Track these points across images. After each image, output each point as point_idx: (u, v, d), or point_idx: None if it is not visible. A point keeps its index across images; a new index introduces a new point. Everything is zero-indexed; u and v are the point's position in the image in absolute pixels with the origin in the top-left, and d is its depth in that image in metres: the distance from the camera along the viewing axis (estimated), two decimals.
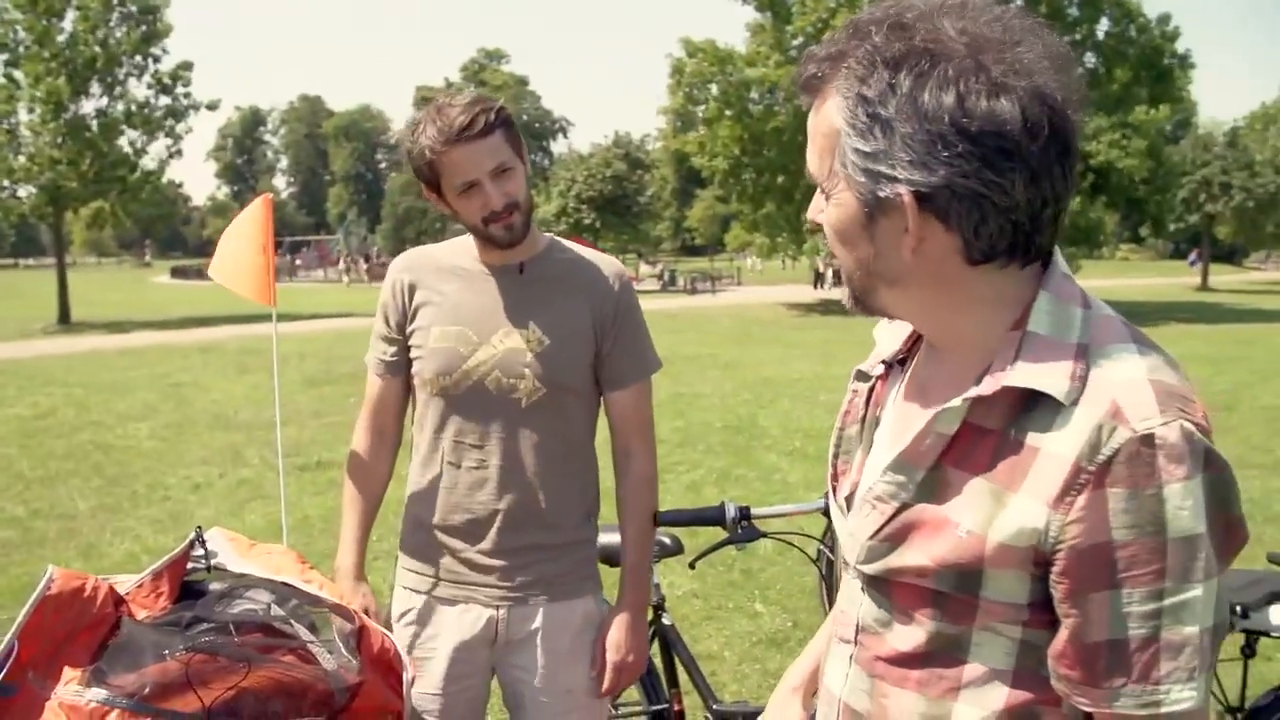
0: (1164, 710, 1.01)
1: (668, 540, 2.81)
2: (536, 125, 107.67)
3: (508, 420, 2.14)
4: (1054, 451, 1.03)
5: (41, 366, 15.45)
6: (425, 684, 2.19)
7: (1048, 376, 1.04)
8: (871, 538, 1.16)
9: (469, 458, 2.16)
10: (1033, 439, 1.05)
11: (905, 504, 1.13)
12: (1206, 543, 1.00)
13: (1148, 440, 0.99)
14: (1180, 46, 29.98)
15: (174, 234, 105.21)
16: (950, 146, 1.00)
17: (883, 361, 1.32)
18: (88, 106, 25.48)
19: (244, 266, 3.93)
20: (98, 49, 24.86)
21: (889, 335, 1.33)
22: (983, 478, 1.07)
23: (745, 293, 35.62)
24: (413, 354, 2.21)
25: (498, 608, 2.18)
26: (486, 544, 2.17)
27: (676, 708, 2.83)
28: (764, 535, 2.60)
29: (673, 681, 2.86)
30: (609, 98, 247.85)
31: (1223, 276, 49.67)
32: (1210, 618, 1.01)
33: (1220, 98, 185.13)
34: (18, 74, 24.47)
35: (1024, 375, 1.05)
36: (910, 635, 1.15)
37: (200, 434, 9.82)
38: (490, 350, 2.14)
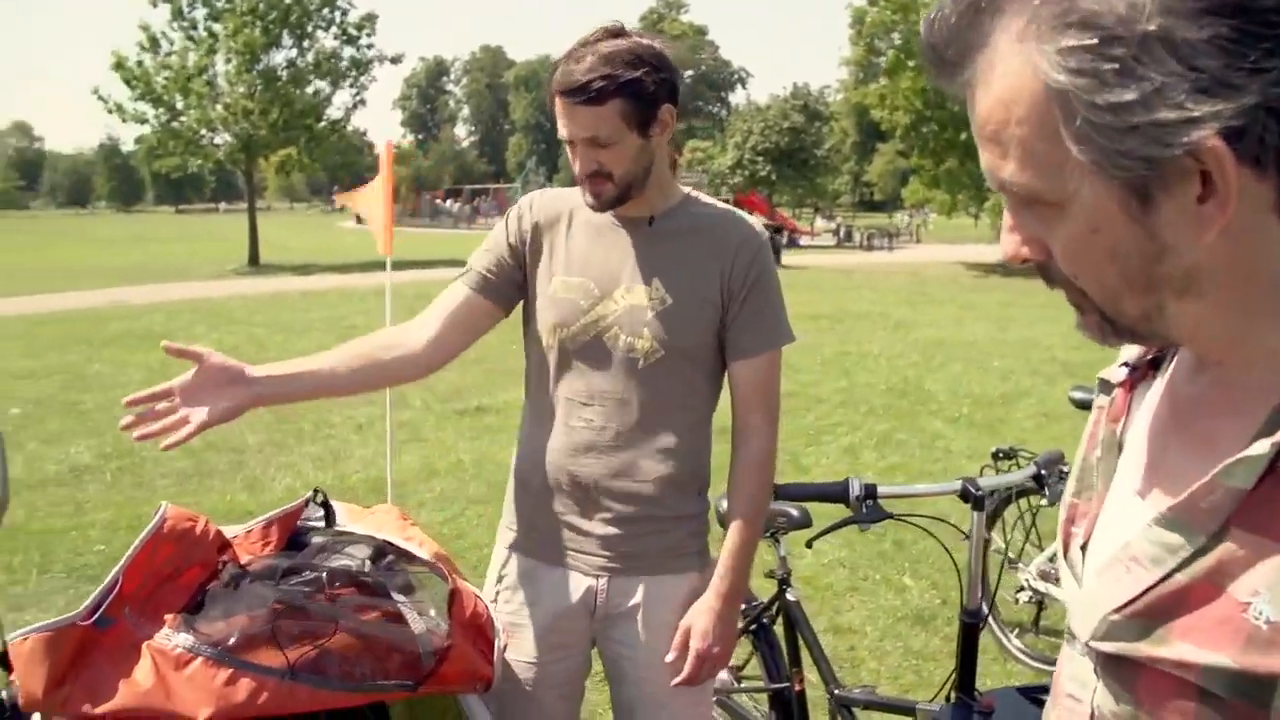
0: None
1: (795, 512, 2.64)
2: (715, 76, 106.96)
3: (623, 381, 2.00)
4: None
5: (229, 306, 16.27)
6: (520, 651, 2.10)
7: None
8: (1119, 610, 0.85)
9: (579, 417, 2.04)
10: None
11: (1172, 571, 0.81)
12: None
13: None
14: None
15: (360, 181, 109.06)
16: (1255, 40, 0.66)
17: (1125, 364, 0.99)
18: (278, 58, 26.66)
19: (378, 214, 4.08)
20: (290, 2, 25.87)
21: None
22: None
23: (923, 250, 34.50)
24: (536, 304, 2.10)
25: (597, 577, 2.06)
26: (590, 510, 2.05)
27: (797, 687, 2.68)
28: (890, 516, 2.40)
29: (795, 660, 2.71)
30: (789, 49, 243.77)
31: None
32: None
33: None
34: (217, 27, 25.71)
35: None
36: None
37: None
38: (612, 305, 2.00)
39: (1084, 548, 0.94)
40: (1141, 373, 0.97)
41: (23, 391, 9.12)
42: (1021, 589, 4.20)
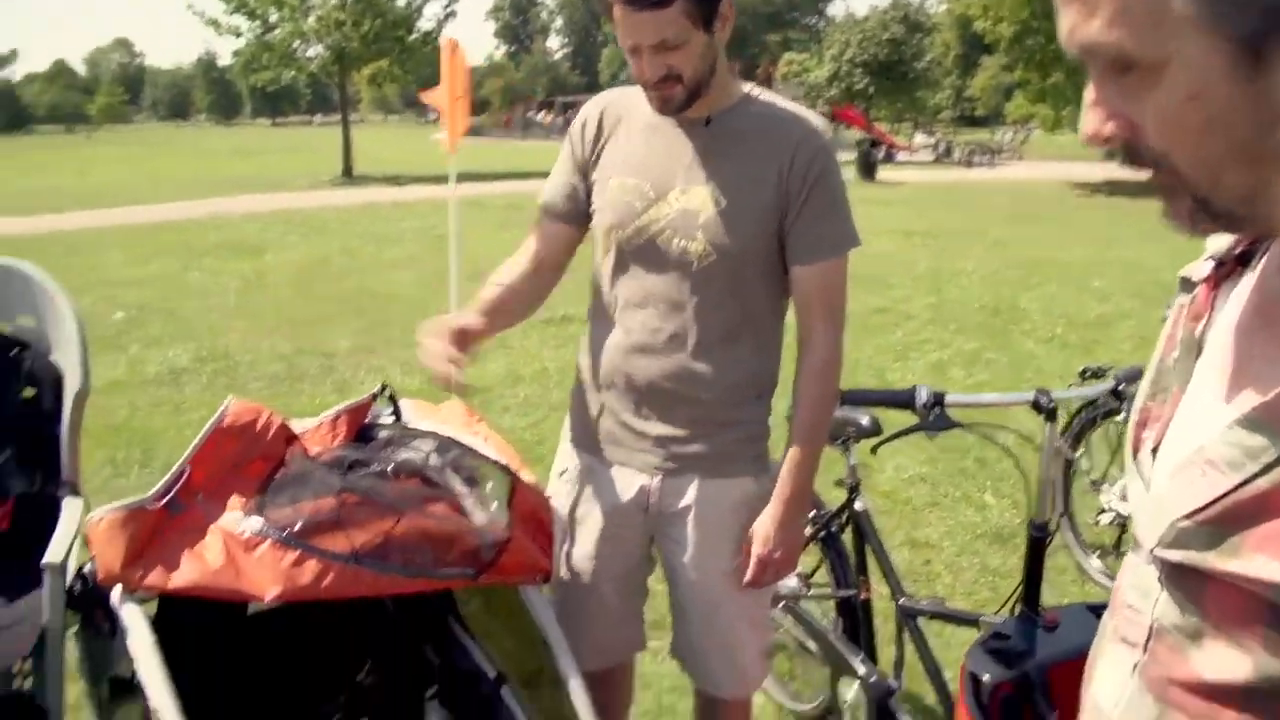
0: None
1: (865, 420, 2.60)
2: None
3: (677, 284, 1.97)
4: None
5: (322, 217, 16.51)
6: (578, 545, 2.13)
7: None
8: (1189, 516, 0.77)
9: (633, 318, 2.02)
10: None
11: (1252, 476, 0.72)
12: None
13: None
14: None
15: None
16: None
17: (1210, 258, 0.89)
18: None
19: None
20: None
21: None
22: None
23: (1027, 168, 33.34)
24: (593, 204, 2.08)
25: (651, 476, 2.06)
26: (643, 410, 2.04)
27: (863, 596, 2.67)
28: (958, 425, 2.33)
29: (862, 569, 2.69)
30: None
31: None
32: None
33: None
34: None
35: None
36: (1227, 661, 0.76)
37: (458, 284, 10.22)
38: (666, 207, 1.96)
39: (1155, 452, 0.86)
40: (1228, 269, 0.86)
41: (127, 297, 9.42)
42: (1103, 511, 4.11)
